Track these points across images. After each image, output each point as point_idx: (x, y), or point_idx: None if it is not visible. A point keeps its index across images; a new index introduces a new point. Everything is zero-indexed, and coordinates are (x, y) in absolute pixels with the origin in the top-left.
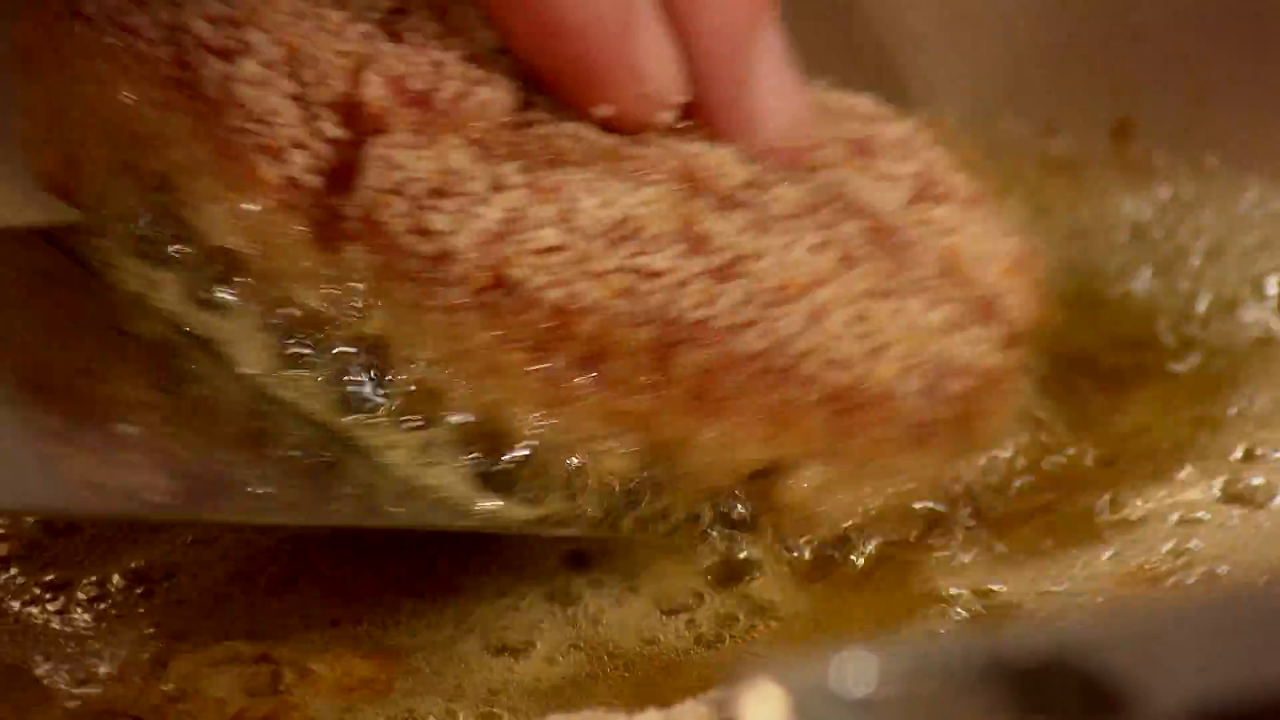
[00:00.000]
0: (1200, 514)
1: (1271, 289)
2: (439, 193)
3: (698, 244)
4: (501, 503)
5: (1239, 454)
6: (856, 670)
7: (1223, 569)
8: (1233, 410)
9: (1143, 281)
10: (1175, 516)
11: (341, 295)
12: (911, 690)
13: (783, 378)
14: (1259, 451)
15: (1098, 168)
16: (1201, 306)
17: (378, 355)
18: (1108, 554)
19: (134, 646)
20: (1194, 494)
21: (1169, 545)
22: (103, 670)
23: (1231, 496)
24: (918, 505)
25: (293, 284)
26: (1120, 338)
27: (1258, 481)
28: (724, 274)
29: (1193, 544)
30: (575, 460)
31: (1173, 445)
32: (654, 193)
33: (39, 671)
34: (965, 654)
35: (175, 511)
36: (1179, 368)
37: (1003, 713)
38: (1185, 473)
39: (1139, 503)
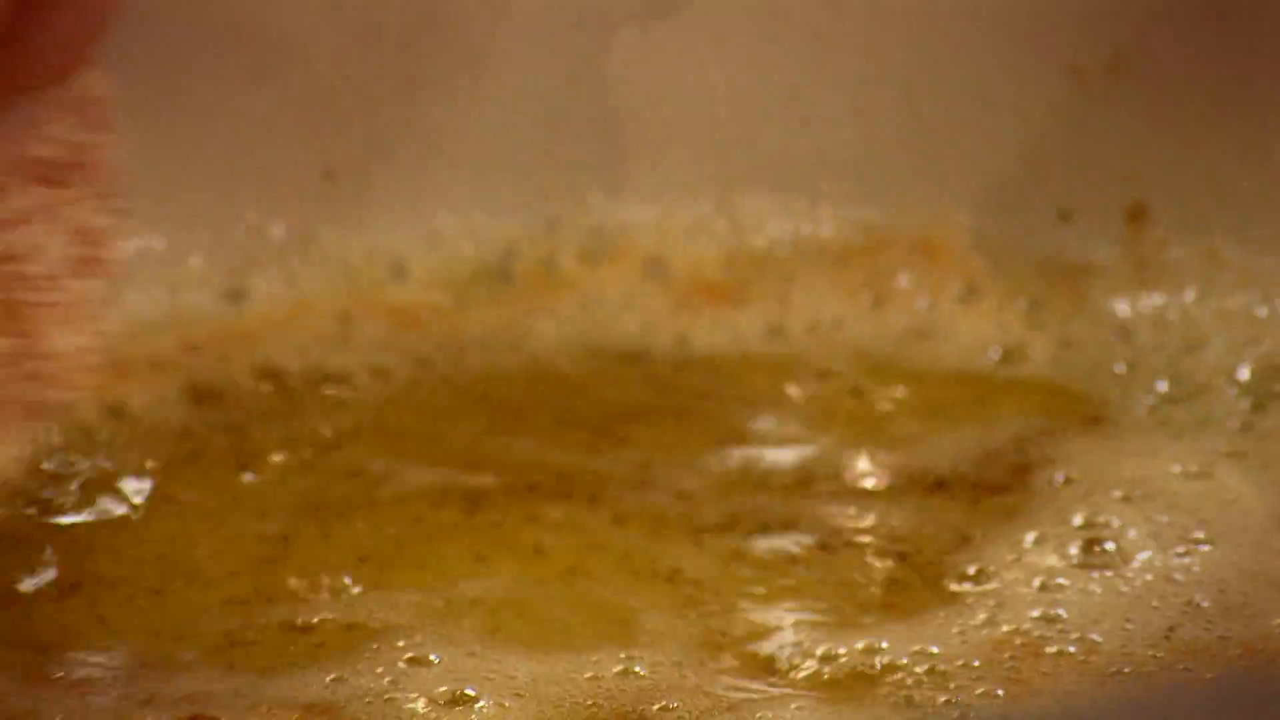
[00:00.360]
0: (1060, 580)
1: (1243, 375)
2: None
3: None
4: None
5: (1079, 521)
6: None
7: (1096, 636)
8: (1087, 479)
9: (1119, 369)
10: (1037, 582)
11: None
12: None
13: None
14: (1100, 519)
15: (1107, 253)
16: (1161, 389)
17: None
18: (978, 618)
19: None
20: (1050, 560)
21: (1037, 612)
22: None
23: (1086, 563)
24: None
25: None
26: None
27: (1110, 547)
28: None
29: (1060, 610)
30: None
31: (1020, 516)
32: None
33: None
34: None
35: None
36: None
37: None
38: (1032, 538)
39: (991, 569)
